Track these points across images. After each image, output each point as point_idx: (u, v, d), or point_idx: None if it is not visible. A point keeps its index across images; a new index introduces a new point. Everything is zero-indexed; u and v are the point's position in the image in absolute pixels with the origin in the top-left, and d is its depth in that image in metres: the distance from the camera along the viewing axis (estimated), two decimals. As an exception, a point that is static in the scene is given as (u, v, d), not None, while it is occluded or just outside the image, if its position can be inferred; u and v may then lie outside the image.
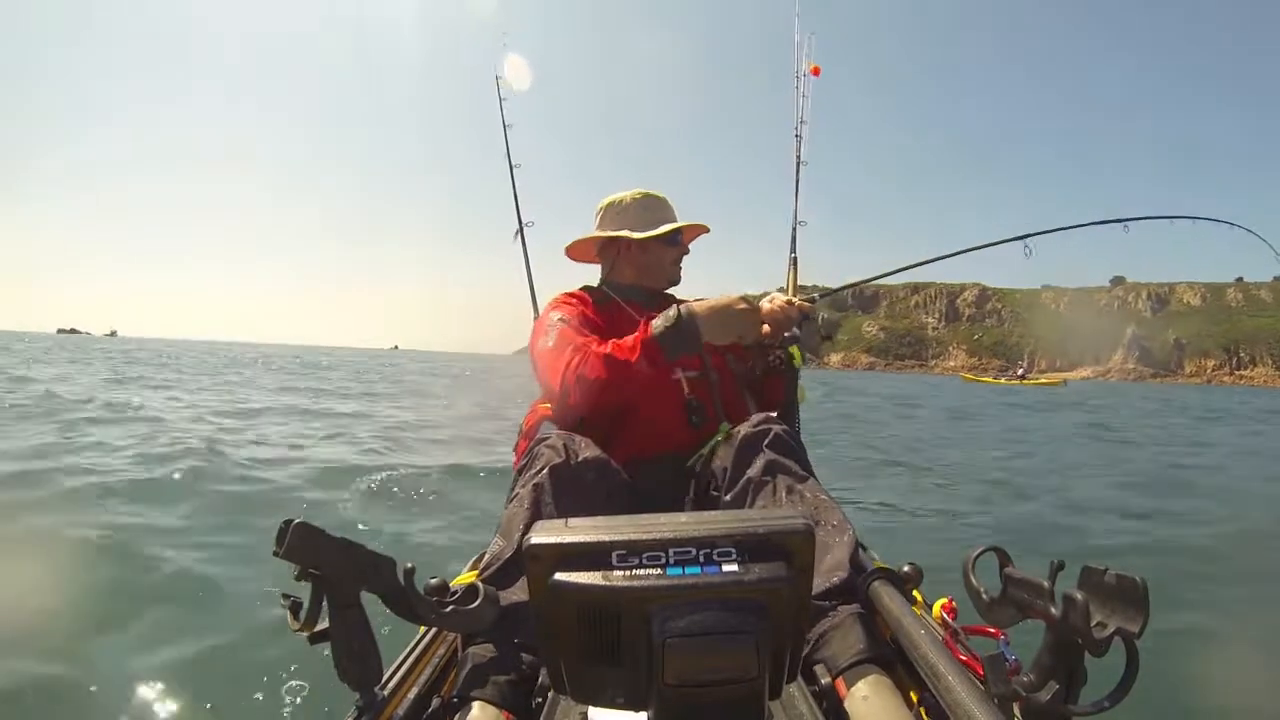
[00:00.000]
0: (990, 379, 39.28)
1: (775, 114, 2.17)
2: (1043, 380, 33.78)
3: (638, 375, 1.23)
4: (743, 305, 1.29)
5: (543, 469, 1.07)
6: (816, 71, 2.18)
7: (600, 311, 1.50)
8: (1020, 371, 40.85)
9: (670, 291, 1.66)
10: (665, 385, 1.39)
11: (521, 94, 2.29)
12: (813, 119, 2.15)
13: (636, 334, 1.27)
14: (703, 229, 1.65)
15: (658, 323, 1.26)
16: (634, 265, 1.58)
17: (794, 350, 1.47)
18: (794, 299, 1.48)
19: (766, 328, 1.50)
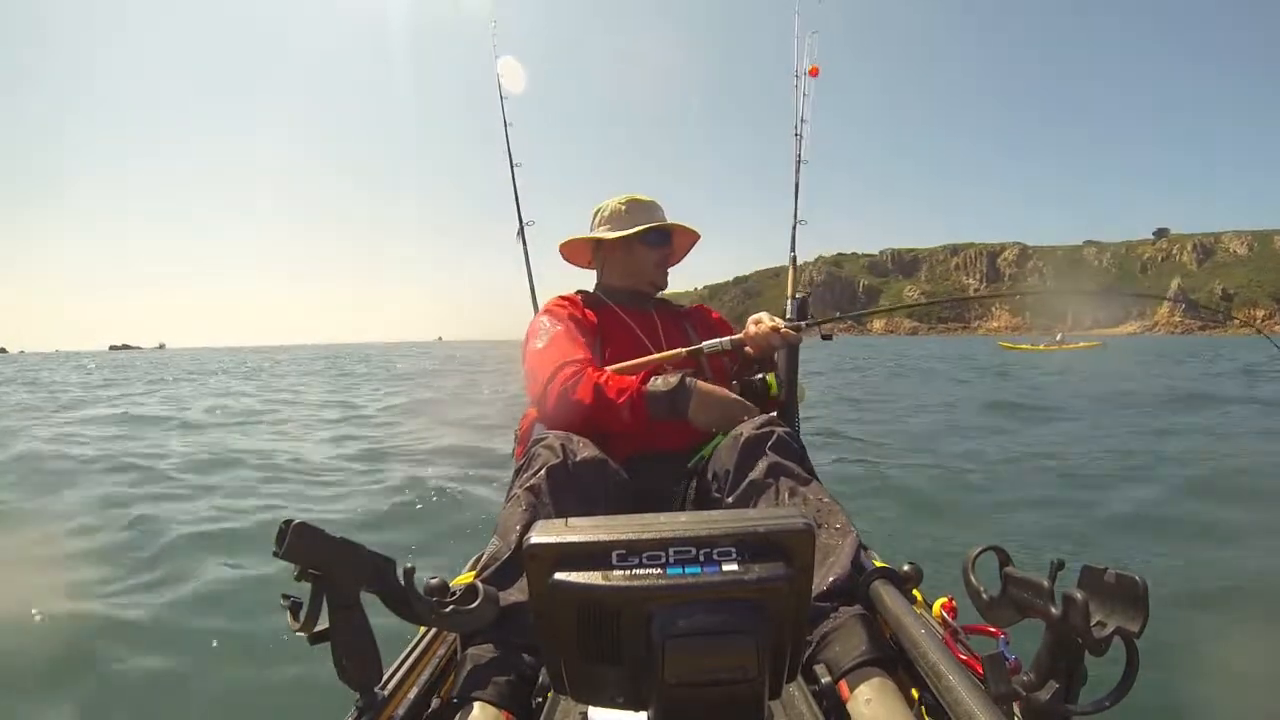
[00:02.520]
0: (1027, 345, 37.95)
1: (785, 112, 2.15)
2: (1081, 344, 33.49)
3: (618, 419, 1.26)
4: (742, 412, 1.29)
5: (540, 470, 1.07)
6: (815, 72, 2.17)
7: (591, 314, 1.51)
8: (1059, 336, 39.23)
9: (665, 295, 1.67)
10: None
11: (517, 97, 2.31)
12: (813, 118, 2.15)
13: (635, 378, 1.29)
14: (691, 234, 1.65)
15: (657, 383, 1.28)
16: (619, 267, 1.60)
17: (770, 379, 1.48)
18: (780, 326, 1.48)
19: (750, 350, 1.51)
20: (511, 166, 2.20)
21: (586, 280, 1.70)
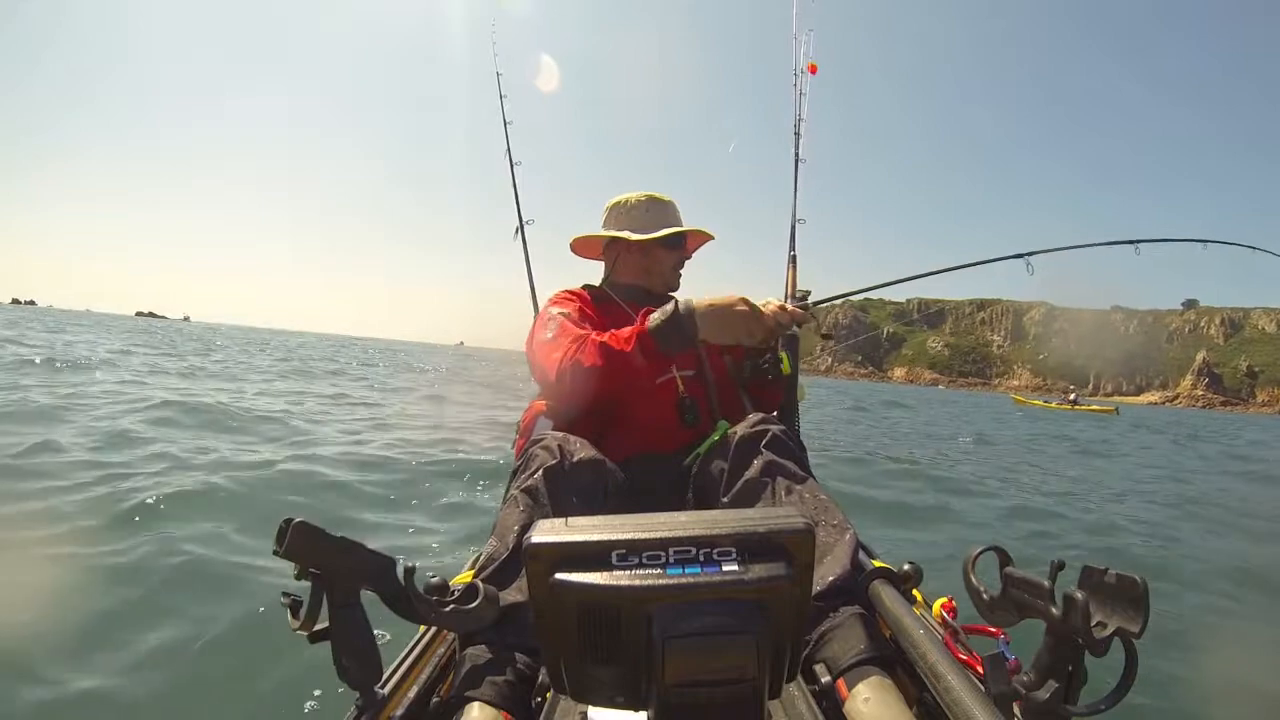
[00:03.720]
0: (1040, 402, 39.45)
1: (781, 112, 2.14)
2: (1094, 408, 33.69)
3: (632, 366, 1.24)
4: (743, 306, 1.29)
5: (537, 470, 1.06)
6: (813, 69, 2.18)
7: (599, 310, 1.50)
8: (1072, 396, 39.37)
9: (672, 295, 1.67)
10: (659, 384, 1.39)
11: (553, 94, 2.32)
12: (811, 117, 2.16)
13: (634, 326, 1.28)
14: (706, 236, 1.66)
15: (655, 316, 1.26)
16: (634, 267, 1.59)
17: (784, 356, 1.48)
18: (788, 305, 1.48)
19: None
20: (511, 165, 2.21)
21: (589, 274, 1.70)
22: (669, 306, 1.26)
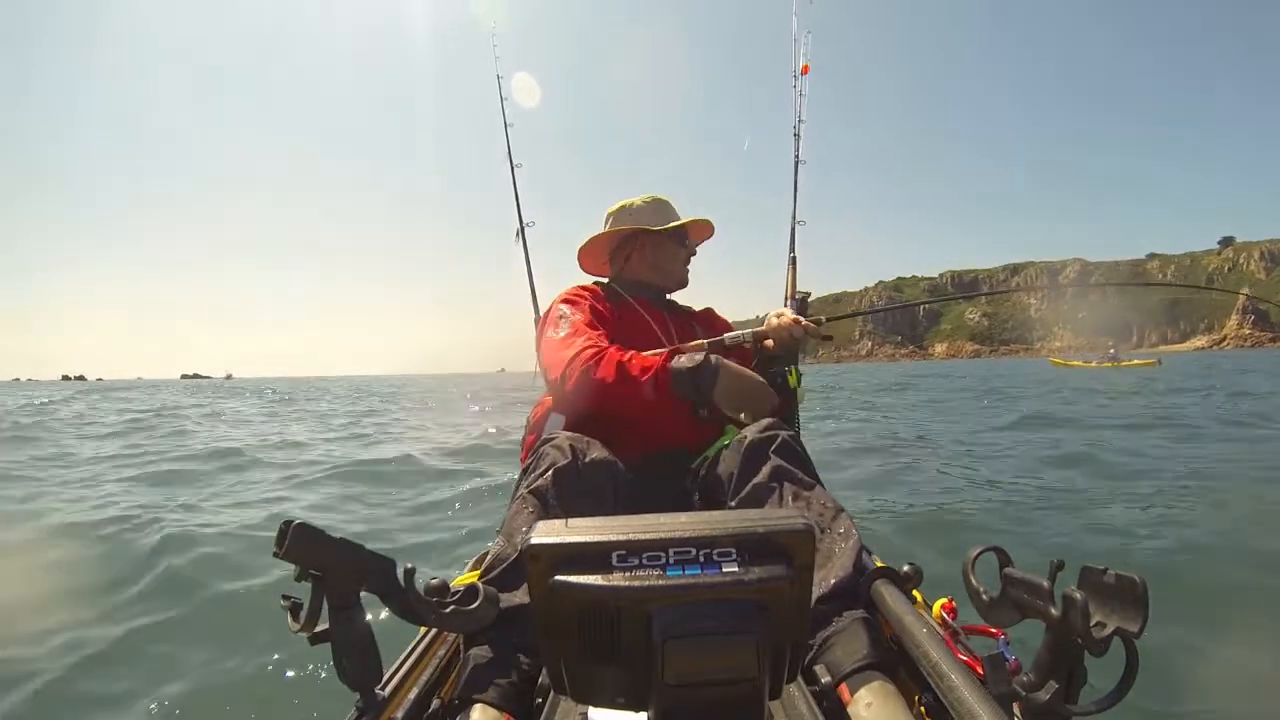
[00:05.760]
0: (1079, 362, 37.72)
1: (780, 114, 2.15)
2: (1136, 362, 33.05)
3: (640, 396, 1.24)
4: (766, 396, 1.32)
5: (547, 471, 1.06)
6: (805, 70, 2.18)
7: (611, 307, 1.51)
8: (1112, 352, 37.16)
9: (674, 297, 1.68)
10: None
11: (531, 110, 2.33)
12: (811, 118, 2.16)
13: (658, 357, 1.28)
14: (710, 226, 1.68)
15: (682, 361, 1.27)
16: (647, 263, 1.61)
17: (792, 373, 1.47)
18: (802, 320, 1.48)
19: (770, 343, 1.51)
20: (512, 167, 2.21)
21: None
22: (698, 356, 1.27)
